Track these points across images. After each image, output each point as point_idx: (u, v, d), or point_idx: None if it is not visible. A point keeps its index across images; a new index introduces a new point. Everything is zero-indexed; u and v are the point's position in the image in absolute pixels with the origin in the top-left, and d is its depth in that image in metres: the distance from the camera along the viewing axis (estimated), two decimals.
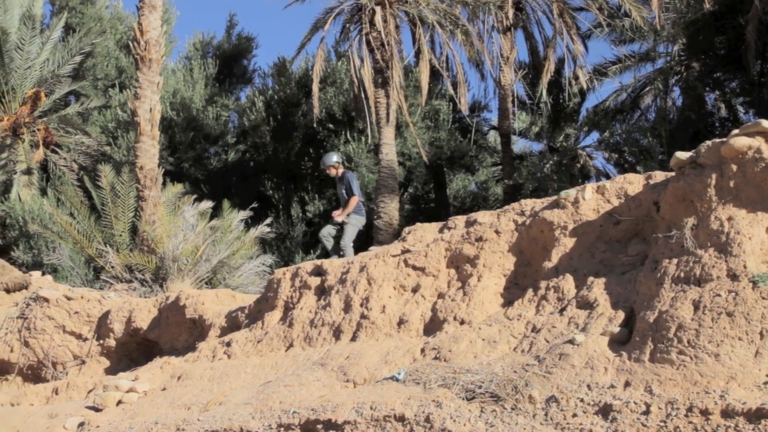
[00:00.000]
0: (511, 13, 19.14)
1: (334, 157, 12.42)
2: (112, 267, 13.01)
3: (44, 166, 21.28)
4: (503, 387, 5.77)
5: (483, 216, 7.87)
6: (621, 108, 20.99)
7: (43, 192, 20.06)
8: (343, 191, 12.01)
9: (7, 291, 12.41)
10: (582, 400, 5.38)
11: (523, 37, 20.91)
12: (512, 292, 7.20)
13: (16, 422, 8.73)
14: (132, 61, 17.82)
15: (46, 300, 11.01)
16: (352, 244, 11.66)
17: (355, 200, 11.67)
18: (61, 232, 14.66)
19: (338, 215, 11.79)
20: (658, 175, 6.76)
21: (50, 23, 22.17)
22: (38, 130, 20.97)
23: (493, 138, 23.14)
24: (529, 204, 7.59)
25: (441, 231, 8.16)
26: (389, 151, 17.75)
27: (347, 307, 7.91)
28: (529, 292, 6.91)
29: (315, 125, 20.67)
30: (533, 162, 21.38)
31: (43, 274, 13.47)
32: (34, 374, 10.85)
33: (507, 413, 5.57)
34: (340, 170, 12.22)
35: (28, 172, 20.70)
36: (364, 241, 17.73)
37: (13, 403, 9.95)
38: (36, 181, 20.82)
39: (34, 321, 10.88)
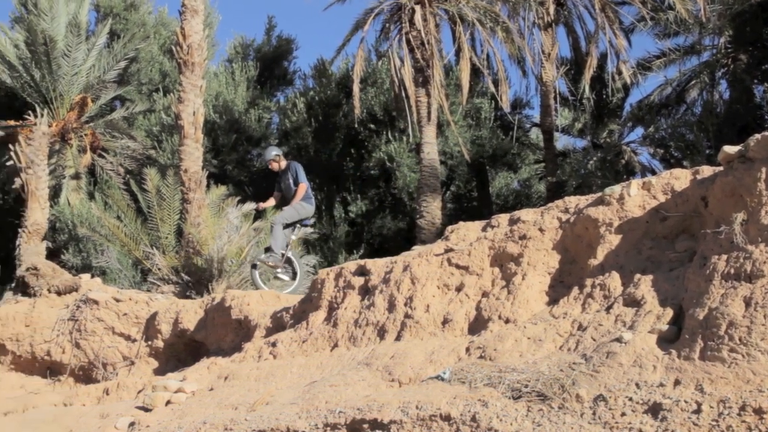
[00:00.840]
0: (552, 9, 18.93)
1: (273, 151, 12.12)
2: (159, 269, 13.11)
3: (92, 171, 21.56)
4: (550, 386, 5.68)
5: (526, 214, 7.78)
6: (666, 102, 20.58)
7: (91, 196, 20.33)
8: (290, 181, 11.67)
9: (59, 294, 12.59)
10: (631, 399, 5.28)
11: (565, 33, 20.72)
12: (557, 290, 7.10)
13: (69, 422, 8.84)
14: (175, 65, 17.95)
15: (96, 302, 11.15)
16: (285, 225, 11.18)
17: (304, 187, 11.38)
18: (109, 235, 14.82)
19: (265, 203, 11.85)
20: (706, 170, 6.62)
21: (95, 30, 22.47)
22: (85, 135, 21.26)
23: (536, 135, 22.96)
24: (573, 201, 7.49)
25: (484, 229, 8.09)
26: (431, 150, 17.69)
27: (391, 307, 7.87)
28: (575, 290, 6.81)
29: (356, 125, 20.65)
30: (577, 159, 21.12)
31: (92, 276, 13.62)
32: (85, 375, 10.99)
33: (554, 412, 5.49)
34: (283, 162, 11.97)
35: (76, 176, 20.99)
36: (407, 239, 17.72)
37: (65, 404, 10.09)
38: (84, 185, 21.10)
39: (85, 323, 11.03)
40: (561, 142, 22.27)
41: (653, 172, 18.47)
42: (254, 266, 11.23)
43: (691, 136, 19.28)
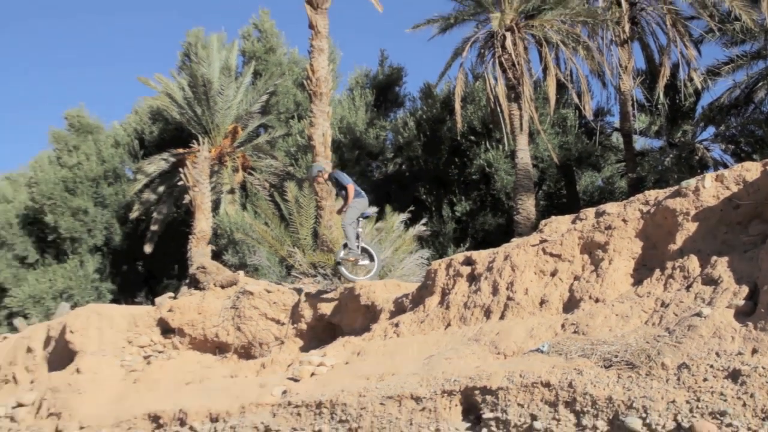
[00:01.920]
0: (627, 27, 18.34)
1: (314, 170, 11.90)
2: (300, 265, 13.30)
3: (243, 186, 22.13)
4: (637, 356, 5.51)
5: (611, 207, 7.56)
6: (735, 103, 19.54)
7: (244, 207, 20.86)
8: (338, 187, 11.39)
9: (222, 287, 12.97)
10: (712, 366, 5.05)
11: (639, 48, 19.98)
12: (641, 272, 6.86)
13: (235, 390, 9.11)
14: (306, 95, 18.27)
15: (251, 293, 11.42)
16: (351, 223, 10.80)
17: (351, 187, 10.92)
18: (259, 238, 15.16)
19: (342, 208, 11.18)
20: None
21: (242, 71, 23.09)
22: (237, 157, 21.88)
23: (616, 138, 22.26)
24: (652, 194, 7.23)
25: (573, 222, 7.90)
26: (524, 156, 17.44)
27: (495, 291, 7.78)
28: (657, 272, 6.56)
29: (458, 138, 20.58)
30: (654, 157, 20.41)
31: (247, 272, 14.00)
32: (246, 352, 11.25)
33: (642, 379, 5.32)
34: (326, 175, 11.69)
35: (231, 191, 21.59)
36: (506, 233, 17.50)
37: (231, 375, 10.41)
38: (238, 198, 21.67)
39: (243, 310, 11.29)
40: (639, 143, 21.50)
41: (725, 166, 17.50)
42: (338, 263, 11.12)
43: (760, 132, 18.41)
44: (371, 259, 10.90)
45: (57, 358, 12.99)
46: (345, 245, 10.87)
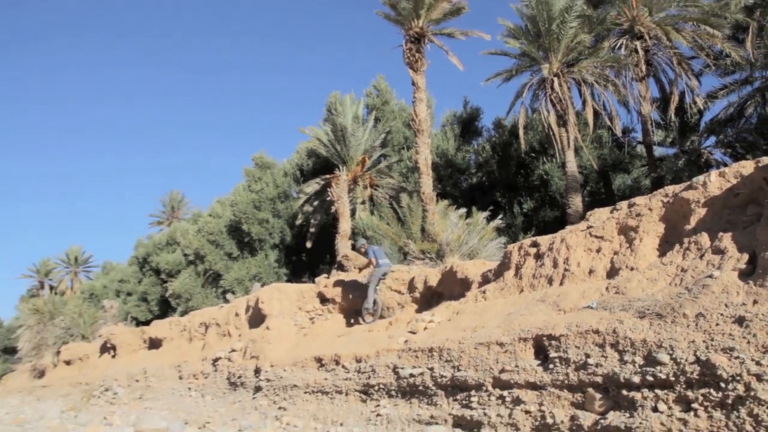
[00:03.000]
0: (644, 67, 17.53)
1: (359, 243, 12.24)
2: (413, 251, 13.48)
3: (371, 198, 22.45)
4: (664, 308, 5.32)
5: (639, 199, 7.29)
6: (730, 118, 18.56)
7: (372, 212, 21.22)
8: (366, 256, 11.71)
9: (359, 270, 13.30)
10: (722, 315, 4.83)
11: (654, 82, 19.01)
12: (664, 246, 6.59)
13: (372, 340, 9.39)
14: (412, 132, 18.42)
15: None
16: (372, 288, 11.05)
17: (374, 261, 11.26)
18: (383, 234, 15.45)
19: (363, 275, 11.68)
20: (765, 159, 5.88)
21: (367, 118, 23.49)
22: (366, 178, 22.29)
23: (640, 149, 21.06)
24: (670, 189, 6.93)
25: (611, 212, 7.67)
26: (571, 166, 16.88)
27: (555, 265, 7.67)
28: (677, 246, 6.29)
29: (523, 155, 20.21)
30: (670, 161, 19.40)
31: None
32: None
33: (668, 325, 5.14)
34: (365, 247, 11.87)
35: (363, 202, 21.97)
36: (560, 223, 16.99)
37: (369, 331, 10.66)
38: (367, 207, 22.03)
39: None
40: (657, 151, 20.24)
41: (725, 165, 16.43)
42: (362, 311, 11.37)
43: (751, 138, 17.47)
44: (376, 309, 11.11)
45: (253, 319, 13.72)
46: (368, 304, 11.13)
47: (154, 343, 17.51)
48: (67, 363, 22.60)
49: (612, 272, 6.86)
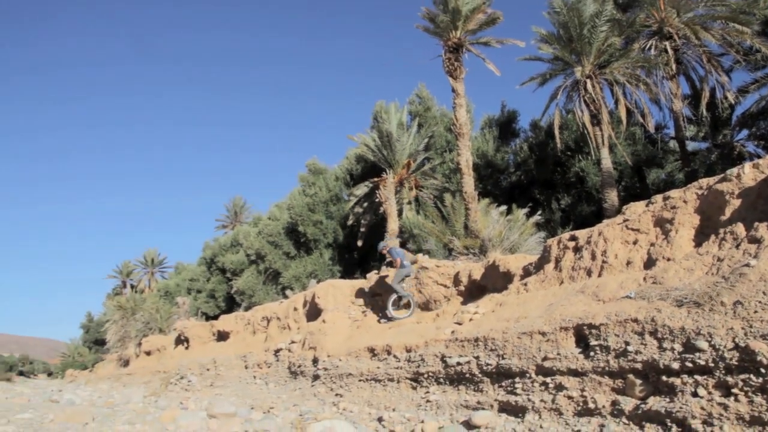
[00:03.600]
0: (674, 66, 16.87)
1: (382, 244, 12.13)
2: (456, 247, 13.45)
3: (416, 199, 22.46)
4: (701, 297, 5.15)
5: (674, 192, 7.06)
6: (762, 110, 17.63)
7: (417, 212, 21.23)
8: (391, 256, 11.65)
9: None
10: (759, 302, 4.64)
11: (684, 79, 18.30)
12: (700, 237, 6.36)
13: (420, 331, 9.42)
14: (453, 136, 18.33)
15: (427, 268, 11.61)
16: (398, 285, 11.15)
17: (398, 261, 11.29)
18: (429, 232, 15.48)
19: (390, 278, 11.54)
20: None
21: (410, 124, 23.48)
22: (411, 180, 22.31)
23: (672, 144, 20.27)
24: (704, 181, 6.68)
25: (647, 205, 7.45)
26: (606, 162, 16.41)
27: (593, 257, 7.52)
28: (712, 237, 6.07)
29: (559, 154, 19.77)
30: (703, 155, 18.61)
31: (423, 254, 14.30)
32: (425, 307, 11.48)
33: (706, 313, 4.97)
34: (387, 248, 11.80)
35: (409, 203, 21.98)
36: (597, 217, 16.54)
37: (417, 322, 10.69)
38: (413, 206, 22.05)
39: (422, 279, 11.48)
40: (690, 146, 19.43)
41: (759, 157, 15.64)
42: (388, 312, 11.44)
43: None
44: (409, 305, 11.24)
45: (310, 313, 13.98)
46: (394, 299, 11.23)
47: (222, 336, 18.10)
48: (147, 353, 23.63)
49: (649, 263, 6.68)
